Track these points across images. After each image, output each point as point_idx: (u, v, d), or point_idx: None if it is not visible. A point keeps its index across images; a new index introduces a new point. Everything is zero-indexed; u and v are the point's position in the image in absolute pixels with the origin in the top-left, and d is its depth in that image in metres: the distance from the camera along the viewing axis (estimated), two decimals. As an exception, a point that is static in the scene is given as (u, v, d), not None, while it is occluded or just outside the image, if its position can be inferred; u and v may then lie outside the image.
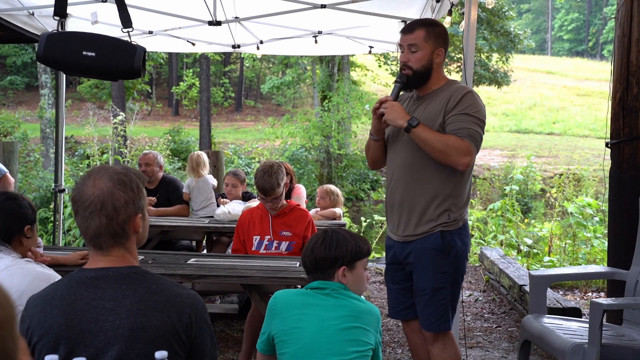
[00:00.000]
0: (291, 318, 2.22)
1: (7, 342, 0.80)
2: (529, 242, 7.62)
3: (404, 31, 2.92)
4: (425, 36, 2.85)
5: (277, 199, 3.95)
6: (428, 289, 2.86)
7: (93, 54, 3.73)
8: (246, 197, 5.67)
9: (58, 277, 2.29)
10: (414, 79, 2.89)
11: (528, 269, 6.04)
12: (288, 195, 5.12)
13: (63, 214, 6.74)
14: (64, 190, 6.26)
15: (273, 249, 4.02)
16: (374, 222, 9.43)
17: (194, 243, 5.93)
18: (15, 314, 0.83)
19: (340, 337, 2.15)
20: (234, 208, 5.24)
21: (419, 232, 2.87)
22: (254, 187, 4.19)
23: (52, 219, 6.87)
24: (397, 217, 2.95)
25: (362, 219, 9.12)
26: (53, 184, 6.32)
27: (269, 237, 4.04)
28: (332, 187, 5.97)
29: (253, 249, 4.06)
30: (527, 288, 5.02)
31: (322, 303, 2.23)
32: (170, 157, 14.05)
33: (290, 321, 2.22)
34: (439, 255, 2.84)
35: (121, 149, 11.36)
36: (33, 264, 2.33)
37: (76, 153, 14.86)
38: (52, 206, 7.08)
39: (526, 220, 8.59)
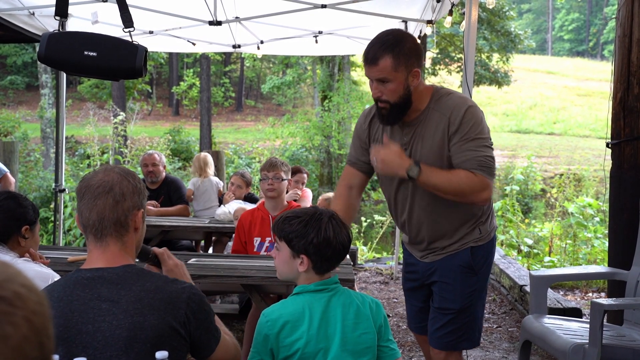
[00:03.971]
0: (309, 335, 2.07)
1: (46, 346, 0.80)
2: (530, 242, 7.62)
3: (366, 62, 2.47)
4: (394, 64, 2.42)
5: (278, 180, 3.97)
6: (455, 309, 2.62)
7: (94, 53, 3.73)
8: (249, 199, 5.68)
9: (57, 276, 2.29)
10: (394, 113, 2.51)
11: (528, 269, 6.04)
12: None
13: (63, 213, 6.74)
14: (64, 190, 6.27)
15: (274, 249, 4.02)
16: (374, 222, 9.43)
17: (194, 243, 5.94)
18: (50, 314, 0.83)
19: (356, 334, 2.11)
20: (235, 208, 5.24)
21: (447, 251, 2.63)
22: (259, 191, 4.22)
23: (52, 218, 6.87)
24: (424, 246, 2.69)
25: (363, 219, 9.12)
26: (53, 184, 6.32)
27: (270, 238, 4.04)
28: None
29: (254, 250, 4.07)
30: (527, 288, 5.02)
31: (336, 304, 2.13)
32: (171, 157, 14.06)
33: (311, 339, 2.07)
34: (467, 272, 2.60)
35: (121, 149, 11.36)
36: (31, 264, 2.32)
37: (76, 153, 14.87)
38: (52, 206, 7.09)
39: (526, 221, 8.59)
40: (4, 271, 0.80)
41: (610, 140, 4.11)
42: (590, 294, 6.00)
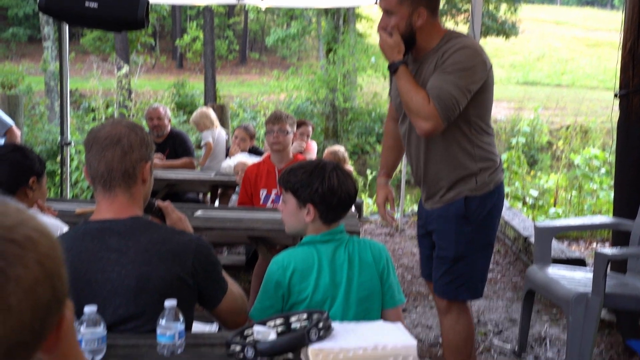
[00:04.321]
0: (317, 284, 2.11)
1: (58, 289, 0.83)
2: (535, 194, 7.63)
3: None
4: None
5: (283, 133, 3.97)
6: (449, 257, 2.66)
7: (95, 5, 3.69)
8: (253, 151, 5.67)
9: (66, 228, 2.31)
10: None
11: (533, 221, 6.07)
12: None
13: (70, 167, 6.76)
14: (70, 143, 6.27)
15: (280, 202, 4.04)
16: (379, 175, 9.41)
17: (200, 196, 5.97)
18: (63, 258, 0.85)
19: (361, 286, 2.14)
20: (243, 159, 5.23)
21: (445, 200, 2.66)
22: (262, 143, 4.23)
23: (59, 172, 6.90)
24: (424, 188, 2.75)
25: (368, 171, 9.13)
26: (59, 137, 6.32)
27: (276, 190, 4.06)
28: (337, 147, 5.93)
29: (260, 203, 4.09)
30: (532, 239, 5.06)
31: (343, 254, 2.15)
32: (175, 110, 13.98)
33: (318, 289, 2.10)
34: (462, 222, 2.62)
35: (126, 103, 11.32)
36: (39, 215, 2.34)
37: (81, 106, 14.82)
38: (58, 159, 7.11)
39: (532, 173, 8.58)
40: (17, 215, 0.82)
41: (618, 91, 4.07)
42: (594, 245, 6.03)
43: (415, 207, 7.46)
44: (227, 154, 5.87)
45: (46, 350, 0.85)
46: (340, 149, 5.83)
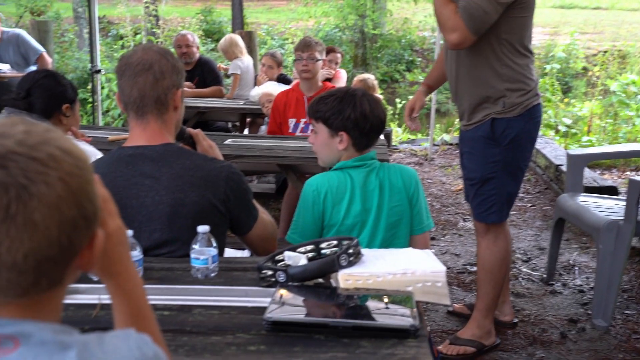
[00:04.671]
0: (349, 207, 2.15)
1: (85, 207, 0.85)
2: (568, 122, 7.48)
3: None
4: None
5: (312, 61, 3.92)
6: (477, 178, 2.71)
7: None
8: (281, 80, 5.62)
9: (99, 154, 2.34)
10: None
11: (566, 149, 5.98)
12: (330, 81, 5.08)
13: (101, 94, 6.80)
14: (100, 71, 6.29)
15: (309, 131, 4.03)
16: (409, 103, 9.29)
17: (229, 124, 5.98)
18: (91, 178, 0.87)
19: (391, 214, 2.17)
20: (269, 89, 5.20)
21: (473, 121, 2.67)
22: (291, 71, 4.18)
23: (90, 100, 6.95)
24: (458, 107, 2.79)
25: (397, 100, 9.01)
26: (89, 65, 6.33)
27: (305, 119, 4.04)
28: (366, 75, 5.82)
29: (289, 131, 4.09)
30: (563, 168, 5.00)
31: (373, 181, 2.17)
32: (203, 37, 13.85)
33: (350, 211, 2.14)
34: (488, 143, 2.64)
35: (154, 29, 11.23)
36: (74, 141, 2.37)
37: (109, 34, 14.75)
38: (89, 87, 7.14)
39: (566, 100, 8.37)
40: (42, 134, 0.83)
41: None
42: (627, 173, 5.94)
43: (445, 136, 7.40)
44: (256, 82, 5.83)
45: (82, 267, 0.89)
46: (369, 77, 5.73)
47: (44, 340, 0.81)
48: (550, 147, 5.92)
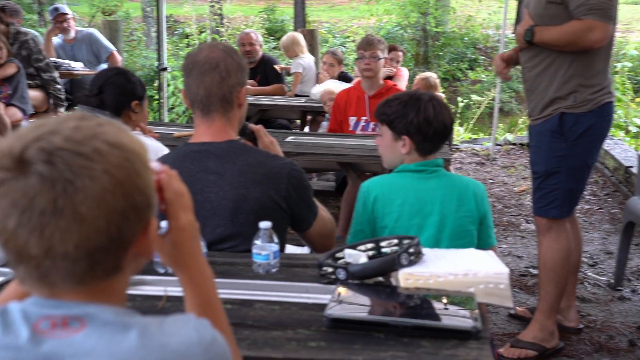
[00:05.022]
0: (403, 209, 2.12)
1: (135, 198, 0.88)
2: (639, 122, 7.20)
3: None
4: None
5: (375, 59, 3.91)
6: (541, 172, 2.71)
7: None
8: (342, 78, 5.63)
9: (166, 149, 2.40)
10: None
11: (636, 150, 5.76)
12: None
13: (167, 92, 6.97)
14: (166, 68, 6.44)
15: (370, 130, 4.03)
16: (471, 102, 9.16)
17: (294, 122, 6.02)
18: (141, 169, 0.90)
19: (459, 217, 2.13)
20: (331, 87, 5.21)
21: (543, 115, 2.67)
22: (353, 69, 4.18)
23: (156, 97, 7.14)
24: (529, 103, 2.79)
25: (459, 99, 8.88)
26: (156, 63, 6.50)
27: (365, 118, 4.04)
28: (428, 74, 5.76)
29: (350, 129, 4.09)
30: (634, 170, 4.82)
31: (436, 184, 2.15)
32: (266, 36, 14.00)
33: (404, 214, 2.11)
34: (555, 137, 2.64)
35: (218, 28, 11.44)
36: (142, 136, 2.45)
37: (175, 32, 15.10)
38: (156, 84, 7.34)
39: (637, 100, 8.06)
40: (91, 129, 0.87)
41: None
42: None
43: (508, 136, 7.24)
44: (317, 80, 5.86)
45: (141, 254, 0.93)
46: (431, 75, 5.68)
47: (107, 321, 0.86)
48: (620, 148, 5.72)
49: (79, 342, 0.84)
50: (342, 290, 1.53)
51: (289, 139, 3.81)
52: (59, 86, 5.39)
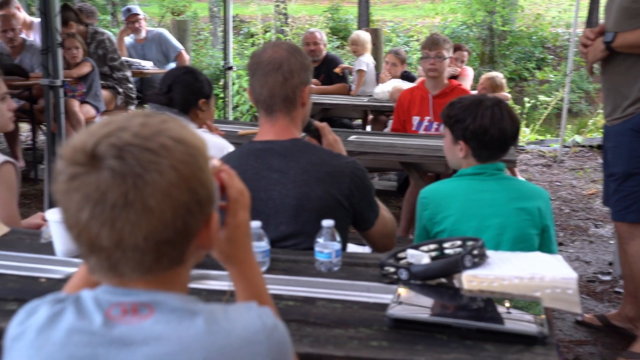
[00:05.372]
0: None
1: (198, 192, 0.91)
2: None
3: None
4: None
5: (440, 59, 3.86)
6: (619, 174, 2.62)
7: None
8: (405, 77, 5.59)
9: (231, 147, 2.45)
10: None
11: None
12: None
13: (232, 90, 7.09)
14: (231, 67, 6.55)
15: (433, 130, 3.99)
16: (538, 103, 8.93)
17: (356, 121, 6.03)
18: (204, 165, 0.93)
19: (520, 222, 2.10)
20: (392, 89, 5.19)
21: (625, 114, 2.60)
22: (416, 69, 4.15)
23: (222, 95, 7.27)
24: (607, 103, 2.71)
25: (526, 99, 8.67)
26: (222, 62, 6.62)
27: (429, 117, 4.00)
28: (494, 73, 5.64)
29: (413, 129, 4.06)
30: None
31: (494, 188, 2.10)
32: (330, 35, 14.04)
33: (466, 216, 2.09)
34: (636, 136, 2.56)
35: (283, 27, 11.55)
36: (209, 134, 2.50)
37: (241, 32, 15.33)
38: (221, 83, 7.47)
39: None
40: (157, 126, 0.90)
41: None
42: None
43: (577, 138, 7.03)
44: (378, 79, 5.83)
45: (202, 247, 0.96)
46: (497, 75, 5.56)
47: (174, 307, 0.90)
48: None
49: (148, 327, 0.88)
50: (403, 290, 1.52)
51: (351, 138, 3.81)
52: (131, 85, 5.58)
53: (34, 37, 5.71)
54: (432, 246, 1.76)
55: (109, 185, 0.85)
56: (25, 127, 6.33)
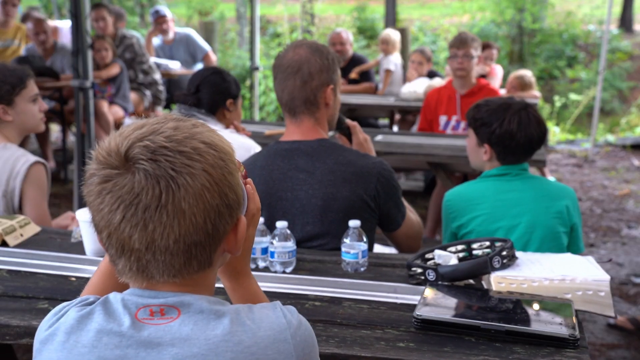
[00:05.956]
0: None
1: (228, 196, 0.92)
2: None
3: None
4: None
5: (468, 58, 3.82)
6: None
7: None
8: (431, 76, 5.55)
9: (258, 147, 2.45)
10: None
11: None
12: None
13: (258, 90, 7.11)
14: (258, 68, 6.57)
15: (460, 129, 3.95)
16: (568, 101, 8.80)
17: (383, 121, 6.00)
18: (233, 169, 0.94)
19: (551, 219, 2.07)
20: (420, 86, 5.15)
21: None
22: (444, 68, 4.12)
23: (248, 95, 7.30)
24: None
25: (556, 98, 8.57)
26: (249, 62, 6.64)
27: (456, 117, 3.97)
28: (523, 72, 5.56)
29: (440, 129, 4.03)
30: None
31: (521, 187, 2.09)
32: (356, 35, 14.00)
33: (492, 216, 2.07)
34: None
35: (309, 27, 11.55)
36: (236, 134, 2.51)
37: (267, 32, 15.38)
38: (247, 84, 7.50)
39: None
40: (188, 130, 0.91)
41: None
42: None
43: (609, 137, 6.91)
44: (405, 79, 5.80)
45: (228, 251, 0.96)
46: (526, 73, 5.49)
47: (201, 309, 0.91)
48: None
49: (175, 328, 0.89)
50: (431, 291, 1.51)
51: (378, 137, 3.80)
52: (160, 87, 5.64)
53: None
54: (460, 247, 1.74)
55: (143, 188, 0.86)
56: (55, 128, 6.43)
